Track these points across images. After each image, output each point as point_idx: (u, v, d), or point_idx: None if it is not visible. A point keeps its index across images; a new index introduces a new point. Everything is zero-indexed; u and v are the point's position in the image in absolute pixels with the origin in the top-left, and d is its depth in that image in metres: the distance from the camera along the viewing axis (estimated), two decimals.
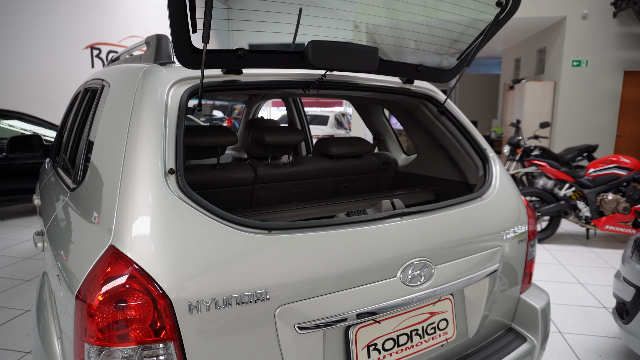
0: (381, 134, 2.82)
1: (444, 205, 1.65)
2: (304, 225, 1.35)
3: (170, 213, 1.21)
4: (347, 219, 1.43)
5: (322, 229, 1.37)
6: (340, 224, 1.41)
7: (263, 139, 2.18)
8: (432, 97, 2.10)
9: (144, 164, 1.28)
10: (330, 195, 2.49)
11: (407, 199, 2.27)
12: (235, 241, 1.24)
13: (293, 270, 1.28)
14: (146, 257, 1.14)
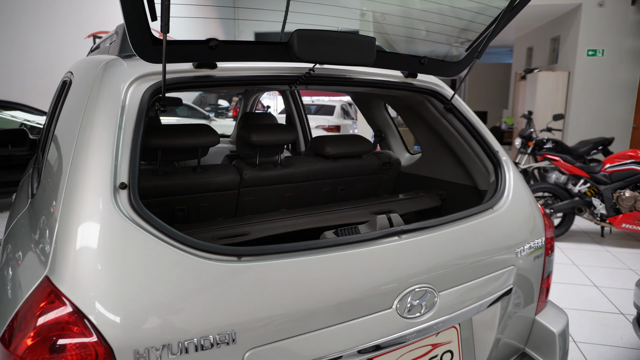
0: (383, 131, 2.60)
1: (449, 220, 1.43)
2: (282, 250, 1.15)
3: (118, 239, 1.01)
4: (335, 240, 1.22)
5: (304, 253, 1.16)
6: (327, 246, 1.20)
7: (249, 138, 1.97)
8: (437, 92, 1.87)
9: (90, 175, 1.08)
10: (325, 199, 2.28)
11: (410, 204, 2.06)
12: (196, 272, 1.04)
13: (266, 305, 1.08)
14: (84, 295, 0.94)
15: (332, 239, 1.24)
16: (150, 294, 0.98)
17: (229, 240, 1.55)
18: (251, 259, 1.11)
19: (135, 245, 1.01)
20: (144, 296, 0.97)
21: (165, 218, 1.88)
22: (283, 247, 1.16)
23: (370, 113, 2.60)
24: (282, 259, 1.13)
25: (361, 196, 2.40)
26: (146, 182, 1.76)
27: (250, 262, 1.10)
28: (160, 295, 0.99)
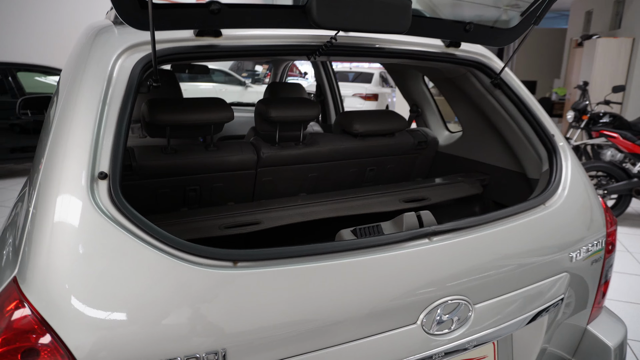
0: (419, 106, 2.34)
1: (489, 219, 1.22)
2: (286, 254, 0.98)
3: (92, 239, 0.87)
4: (350, 244, 1.04)
5: (313, 258, 0.99)
6: (340, 250, 1.02)
7: (267, 114, 1.79)
8: (484, 65, 1.61)
9: (65, 162, 0.94)
10: (352, 180, 2.08)
11: (447, 190, 1.83)
12: (183, 280, 0.89)
13: (265, 320, 0.92)
14: (50, 302, 0.81)
15: (348, 241, 1.05)
16: (126, 305, 0.84)
17: (238, 230, 1.39)
18: (249, 264, 0.95)
19: (112, 248, 0.87)
20: (119, 307, 0.84)
21: (176, 199, 1.75)
22: (288, 250, 0.99)
23: (406, 85, 2.34)
24: (286, 265, 0.96)
25: (392, 179, 2.19)
26: (154, 160, 1.63)
27: (248, 269, 0.94)
28: (139, 307, 0.84)
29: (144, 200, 1.70)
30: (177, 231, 1.36)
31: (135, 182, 1.63)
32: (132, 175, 1.61)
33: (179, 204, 1.77)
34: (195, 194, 1.77)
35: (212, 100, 1.71)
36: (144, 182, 1.65)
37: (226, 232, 1.38)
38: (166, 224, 1.39)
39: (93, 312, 0.82)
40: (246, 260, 0.95)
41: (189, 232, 1.36)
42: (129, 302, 0.84)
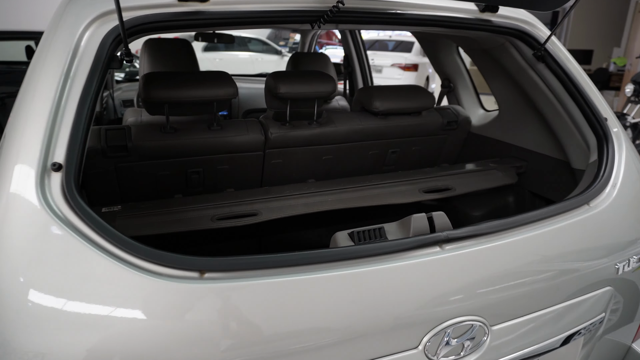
0: (452, 80, 2.10)
1: (517, 222, 1.02)
2: (265, 263, 0.83)
3: (36, 241, 0.75)
4: (346, 252, 0.88)
5: (298, 269, 0.84)
6: (334, 259, 0.86)
7: (276, 90, 1.62)
8: (525, 33, 1.36)
9: (13, 150, 0.82)
10: (372, 163, 1.90)
11: (477, 179, 1.62)
12: (137, 293, 0.76)
13: (236, 344, 0.78)
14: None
15: (341, 249, 0.89)
16: (73, 323, 0.72)
17: (231, 223, 1.26)
18: (220, 276, 0.81)
19: (57, 253, 0.75)
20: (64, 325, 0.72)
21: (178, 182, 1.64)
22: (267, 259, 0.84)
23: (437, 57, 2.09)
24: (264, 278, 0.82)
25: (417, 162, 1.99)
26: (152, 140, 1.51)
27: (218, 282, 0.80)
28: (81, 326, 0.73)
29: (143, 183, 1.59)
30: (163, 222, 1.24)
31: (132, 163, 1.53)
32: (128, 157, 1.50)
33: (181, 188, 1.66)
34: (199, 176, 1.65)
35: (214, 74, 1.56)
36: (143, 163, 1.54)
37: (218, 225, 1.25)
38: (153, 213, 1.27)
39: (31, 328, 0.71)
40: (216, 270, 0.81)
41: (176, 224, 1.24)
42: (71, 320, 0.73)
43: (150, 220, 1.24)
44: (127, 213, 1.25)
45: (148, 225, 1.22)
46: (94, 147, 1.44)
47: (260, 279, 0.81)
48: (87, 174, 1.50)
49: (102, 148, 1.45)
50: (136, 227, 1.21)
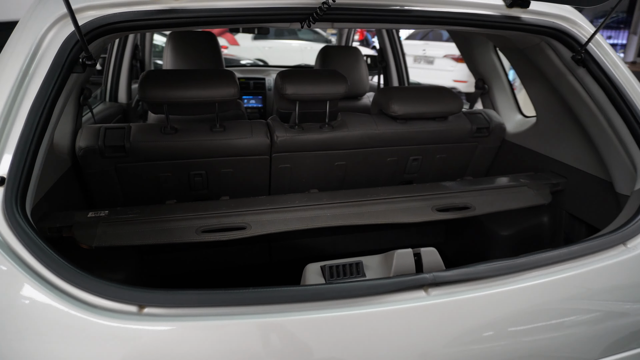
0: (487, 81, 1.89)
1: (529, 264, 0.85)
2: (214, 301, 0.73)
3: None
4: (312, 292, 0.76)
5: (255, 311, 0.73)
6: (297, 300, 0.75)
7: (283, 90, 1.50)
8: (564, 32, 1.16)
9: None
10: (391, 172, 1.75)
11: (505, 197, 1.43)
12: (65, 330, 0.68)
13: None
14: None
15: (304, 289, 0.77)
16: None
17: (217, 236, 1.17)
18: (161, 312, 0.71)
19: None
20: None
21: (181, 184, 1.57)
22: (219, 296, 0.74)
23: (472, 54, 1.89)
24: (212, 319, 0.72)
25: (443, 171, 1.81)
26: (150, 141, 1.45)
27: (158, 320, 0.71)
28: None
29: (145, 184, 1.54)
30: (146, 231, 1.17)
31: (131, 164, 1.48)
32: (127, 157, 1.45)
33: (184, 190, 1.60)
34: (202, 179, 1.58)
35: (216, 73, 1.47)
36: (143, 164, 1.48)
37: (202, 238, 1.16)
38: (139, 220, 1.21)
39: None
40: (158, 305, 0.72)
41: (159, 234, 1.17)
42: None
43: (133, 229, 1.17)
44: (112, 219, 1.20)
45: (130, 234, 1.16)
46: (92, 147, 1.40)
47: (208, 320, 0.72)
48: (87, 173, 1.47)
49: (100, 148, 1.41)
50: (118, 235, 1.15)
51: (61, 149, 1.41)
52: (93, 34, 0.91)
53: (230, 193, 1.66)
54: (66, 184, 1.39)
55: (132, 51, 2.48)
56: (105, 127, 1.46)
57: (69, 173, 1.41)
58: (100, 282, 0.72)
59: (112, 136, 1.43)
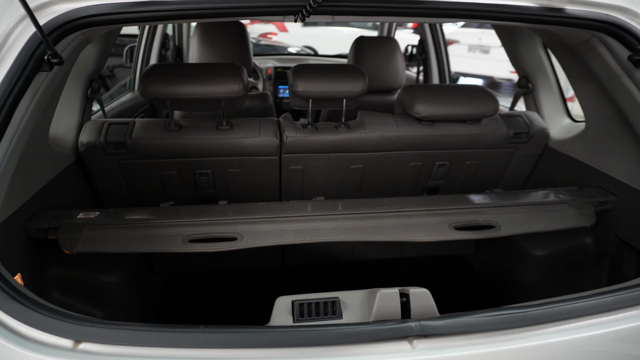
0: (531, 79, 1.67)
1: (547, 316, 0.70)
2: (162, 340, 0.64)
3: None
4: (274, 336, 0.65)
5: (200, 357, 0.63)
6: (253, 345, 0.64)
7: (295, 87, 1.39)
8: (620, 27, 0.96)
9: None
10: (416, 177, 1.59)
11: (535, 216, 1.24)
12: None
13: None
14: None
15: (264, 332, 0.66)
16: None
17: (204, 247, 1.08)
18: (97, 350, 0.63)
19: None
20: None
21: (187, 184, 1.51)
22: (163, 335, 0.64)
23: (515, 48, 1.67)
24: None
25: (474, 179, 1.63)
26: (153, 138, 1.38)
27: (93, 358, 0.63)
28: None
29: (149, 182, 1.49)
30: (131, 238, 1.11)
31: (134, 161, 1.42)
32: (129, 154, 1.40)
33: (190, 190, 1.53)
34: (208, 179, 1.50)
35: (223, 68, 1.37)
36: (146, 162, 1.43)
37: (188, 248, 1.08)
38: (127, 225, 1.15)
39: None
40: (95, 341, 0.64)
41: (144, 242, 1.10)
42: None
43: (119, 235, 1.11)
44: (99, 222, 1.14)
45: (114, 240, 1.10)
46: (93, 143, 1.36)
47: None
48: (90, 169, 1.43)
49: (101, 144, 1.36)
50: (101, 241, 1.09)
51: (65, 144, 1.37)
52: (63, 30, 0.84)
53: (238, 194, 1.57)
54: (69, 179, 1.36)
55: (161, 40, 2.45)
56: (110, 122, 1.41)
57: (72, 168, 1.37)
58: (36, 311, 0.65)
59: (115, 132, 1.38)
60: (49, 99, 1.01)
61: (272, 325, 0.71)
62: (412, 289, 0.73)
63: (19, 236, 1.09)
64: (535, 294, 1.53)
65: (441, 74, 2.66)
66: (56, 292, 1.23)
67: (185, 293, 1.69)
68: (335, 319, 0.73)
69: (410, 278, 1.77)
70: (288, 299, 0.77)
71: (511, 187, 1.68)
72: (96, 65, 1.45)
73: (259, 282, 1.75)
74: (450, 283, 1.75)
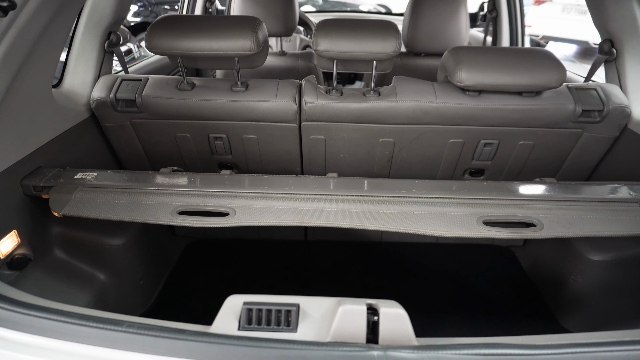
0: (616, 43, 1.35)
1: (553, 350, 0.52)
2: (78, 335, 0.56)
3: None
4: (212, 348, 0.55)
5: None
6: (181, 356, 0.54)
7: (317, 45, 1.22)
8: None
9: None
10: (457, 155, 1.38)
11: (591, 216, 1.00)
12: None
13: None
14: None
15: (185, 342, 0.55)
16: None
17: (190, 221, 0.99)
18: (9, 333, 0.56)
19: None
20: None
21: (201, 147, 1.42)
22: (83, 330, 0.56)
23: (600, 2, 1.35)
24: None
25: (525, 164, 1.38)
26: (163, 97, 1.29)
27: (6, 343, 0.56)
28: None
29: (163, 144, 1.41)
30: (121, 204, 1.04)
31: (146, 120, 1.35)
32: (140, 113, 1.32)
33: (207, 154, 1.44)
34: (223, 143, 1.40)
35: (235, 22, 1.22)
36: (158, 122, 1.35)
37: (175, 221, 0.99)
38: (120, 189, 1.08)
39: None
40: (9, 326, 0.57)
41: (131, 210, 1.02)
42: None
43: (109, 199, 1.05)
44: (91, 184, 1.09)
45: (102, 205, 1.03)
46: (103, 99, 1.30)
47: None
48: (105, 126, 1.39)
49: (111, 100, 1.30)
50: (90, 205, 1.04)
51: (79, 99, 1.33)
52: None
53: (256, 163, 1.46)
54: (82, 136, 1.32)
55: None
56: (122, 78, 1.34)
57: (85, 125, 1.33)
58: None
59: (126, 88, 1.30)
60: (27, 48, 0.93)
61: (211, 331, 0.60)
62: (384, 307, 0.57)
63: (16, 192, 1.07)
64: (589, 305, 1.29)
65: (512, 37, 2.31)
66: (58, 251, 1.21)
67: (203, 259, 1.64)
68: (287, 332, 0.60)
69: (443, 267, 1.58)
70: (240, 299, 0.64)
71: (574, 178, 1.41)
72: (115, 16, 1.37)
73: (280, 254, 1.66)
74: (490, 277, 1.54)
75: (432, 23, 1.87)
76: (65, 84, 1.33)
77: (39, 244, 1.14)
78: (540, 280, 1.50)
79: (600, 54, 1.39)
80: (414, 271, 1.55)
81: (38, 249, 1.13)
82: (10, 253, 1.03)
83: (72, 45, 1.33)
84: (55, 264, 1.18)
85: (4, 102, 0.95)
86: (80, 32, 1.33)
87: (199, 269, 1.59)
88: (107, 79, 1.34)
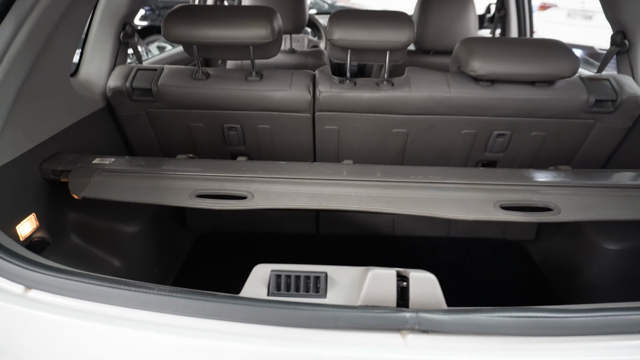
0: (629, 34, 1.36)
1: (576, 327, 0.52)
2: (114, 298, 0.58)
3: None
4: (228, 309, 0.55)
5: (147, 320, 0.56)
6: (206, 315, 0.55)
7: (331, 34, 1.24)
8: None
9: None
10: (469, 146, 1.38)
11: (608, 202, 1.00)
12: None
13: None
14: None
15: (216, 303, 0.56)
16: None
17: (210, 204, 0.99)
18: (47, 299, 0.57)
19: None
20: None
21: (214, 137, 1.43)
22: (118, 292, 0.57)
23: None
24: (101, 320, 0.56)
25: (538, 155, 1.39)
26: (178, 86, 1.31)
27: (41, 308, 0.57)
28: None
29: (177, 134, 1.43)
30: (139, 188, 1.05)
31: (161, 110, 1.36)
32: (155, 102, 1.34)
33: (219, 145, 1.45)
34: (237, 134, 1.41)
35: (252, 10, 1.24)
36: (173, 111, 1.36)
37: (194, 204, 1.00)
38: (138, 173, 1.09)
39: None
40: (45, 289, 0.58)
41: (150, 193, 1.03)
42: None
43: (128, 183, 1.06)
44: (110, 169, 1.10)
45: (121, 188, 1.04)
46: (119, 88, 1.31)
47: (97, 322, 0.55)
48: (119, 116, 1.40)
49: (127, 90, 1.31)
50: (109, 188, 1.05)
51: (95, 88, 1.34)
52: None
53: (269, 153, 1.47)
54: (97, 125, 1.33)
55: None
56: (138, 68, 1.35)
57: (100, 114, 1.34)
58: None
59: (142, 78, 1.32)
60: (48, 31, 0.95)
61: (239, 296, 0.61)
62: (414, 272, 0.58)
63: (35, 176, 1.08)
64: (604, 296, 1.29)
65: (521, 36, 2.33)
66: (74, 236, 1.22)
67: (213, 252, 1.64)
68: (316, 298, 0.61)
69: (454, 261, 1.58)
70: (267, 268, 0.65)
71: (589, 167, 1.41)
72: (130, 8, 1.39)
73: (290, 248, 1.66)
74: (502, 271, 1.54)
75: (441, 21, 1.90)
76: (81, 73, 1.35)
77: (56, 229, 1.15)
78: (553, 273, 1.50)
79: (612, 46, 1.41)
80: (425, 265, 1.55)
81: (55, 234, 1.14)
82: (29, 236, 1.04)
83: (88, 35, 1.35)
84: (71, 249, 1.19)
85: (25, 85, 0.97)
86: (96, 22, 1.35)
87: (209, 261, 1.60)
88: (123, 69, 1.36)
